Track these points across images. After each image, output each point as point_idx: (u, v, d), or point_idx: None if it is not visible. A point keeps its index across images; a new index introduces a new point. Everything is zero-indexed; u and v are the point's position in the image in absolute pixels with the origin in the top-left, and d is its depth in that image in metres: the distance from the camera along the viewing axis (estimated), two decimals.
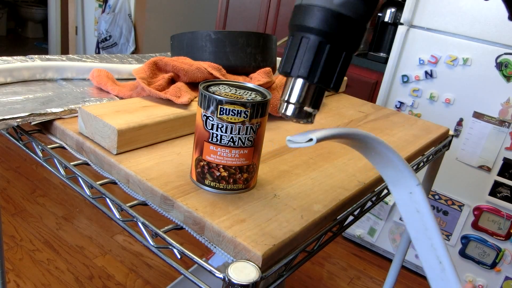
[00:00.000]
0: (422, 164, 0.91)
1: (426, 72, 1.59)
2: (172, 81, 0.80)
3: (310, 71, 0.40)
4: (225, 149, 0.51)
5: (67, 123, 0.66)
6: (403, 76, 1.64)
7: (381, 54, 1.85)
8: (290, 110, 0.42)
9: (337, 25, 0.39)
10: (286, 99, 0.42)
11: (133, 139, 0.60)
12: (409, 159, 0.81)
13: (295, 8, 0.41)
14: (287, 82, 0.42)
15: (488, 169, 1.55)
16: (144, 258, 1.71)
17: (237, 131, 0.50)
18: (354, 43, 0.41)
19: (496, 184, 1.55)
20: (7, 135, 0.69)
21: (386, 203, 1.81)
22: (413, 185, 0.46)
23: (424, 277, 1.86)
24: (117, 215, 0.55)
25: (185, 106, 0.71)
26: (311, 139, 0.38)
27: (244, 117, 0.50)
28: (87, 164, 0.62)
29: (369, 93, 1.85)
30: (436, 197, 1.70)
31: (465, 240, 1.68)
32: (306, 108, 0.42)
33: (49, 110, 0.65)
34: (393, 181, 0.47)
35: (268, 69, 0.83)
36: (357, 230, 1.96)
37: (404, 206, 0.46)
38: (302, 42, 0.39)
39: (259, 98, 0.51)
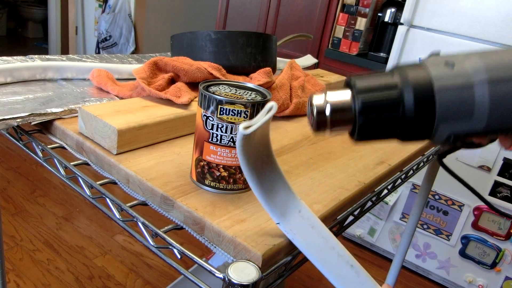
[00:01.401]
0: (422, 164, 0.91)
1: None
2: (172, 81, 0.80)
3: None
4: (225, 149, 0.51)
5: (67, 123, 0.66)
6: None
7: (381, 54, 1.85)
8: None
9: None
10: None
11: (133, 139, 0.60)
12: (409, 159, 0.81)
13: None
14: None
15: (488, 169, 1.55)
16: (144, 258, 1.71)
17: (237, 131, 0.50)
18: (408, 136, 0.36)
19: (496, 184, 1.56)
20: (7, 135, 0.69)
21: (386, 203, 1.81)
22: (297, 202, 0.44)
23: (424, 277, 1.86)
24: (117, 215, 0.55)
25: (185, 106, 0.71)
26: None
27: (244, 117, 0.50)
28: (87, 164, 0.62)
29: None
30: (436, 197, 1.70)
31: (465, 240, 1.68)
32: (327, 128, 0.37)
33: (49, 110, 0.65)
34: (283, 210, 0.44)
35: (268, 69, 0.83)
36: (357, 230, 1.95)
37: (301, 230, 0.43)
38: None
39: (259, 98, 0.51)
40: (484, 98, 0.33)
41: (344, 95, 0.35)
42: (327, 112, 0.35)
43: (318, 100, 0.36)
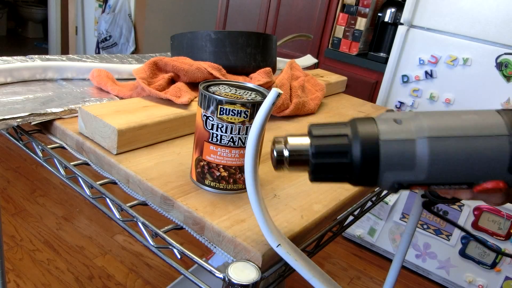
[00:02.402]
0: None
1: (426, 72, 1.59)
2: (172, 81, 0.80)
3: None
4: (225, 149, 0.51)
5: (67, 123, 0.66)
6: (403, 76, 1.64)
7: (381, 54, 1.85)
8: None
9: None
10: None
11: (133, 139, 0.60)
12: None
13: None
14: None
15: None
16: (144, 258, 1.71)
17: (237, 131, 0.50)
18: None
19: None
20: (7, 135, 0.69)
21: (386, 203, 1.81)
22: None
23: (424, 277, 1.86)
24: (117, 215, 0.55)
25: (185, 106, 0.71)
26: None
27: (244, 117, 0.50)
28: (87, 164, 0.62)
29: (369, 93, 1.85)
30: None
31: (465, 240, 1.68)
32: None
33: (49, 110, 0.65)
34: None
35: (268, 69, 0.83)
36: (357, 230, 1.96)
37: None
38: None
39: (259, 98, 0.51)
40: (424, 152, 0.36)
41: (303, 140, 0.40)
42: (285, 153, 0.40)
43: (278, 142, 0.41)
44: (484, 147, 0.36)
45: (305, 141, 0.40)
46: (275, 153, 0.40)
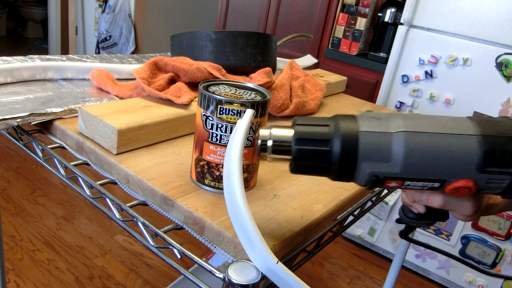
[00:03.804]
0: None
1: (426, 72, 1.59)
2: (172, 81, 0.80)
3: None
4: (225, 148, 0.51)
5: (67, 123, 0.66)
6: (403, 76, 1.64)
7: (381, 54, 1.85)
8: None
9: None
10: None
11: (133, 139, 0.60)
12: None
13: None
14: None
15: None
16: (144, 258, 1.71)
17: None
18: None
19: None
20: (7, 135, 0.69)
21: (386, 203, 1.81)
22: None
23: (424, 277, 1.86)
24: (117, 215, 0.55)
25: (185, 106, 0.71)
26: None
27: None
28: (87, 164, 0.62)
29: (369, 93, 1.85)
30: None
31: (465, 240, 1.68)
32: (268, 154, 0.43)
33: (49, 110, 0.65)
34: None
35: (268, 69, 0.83)
36: (357, 230, 1.96)
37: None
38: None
39: (259, 98, 0.51)
40: (400, 145, 0.39)
41: (287, 132, 0.42)
42: (269, 142, 0.42)
43: (263, 132, 0.43)
44: (455, 145, 0.39)
45: (289, 132, 0.42)
46: (259, 141, 0.43)
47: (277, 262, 0.40)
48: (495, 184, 0.39)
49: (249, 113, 0.48)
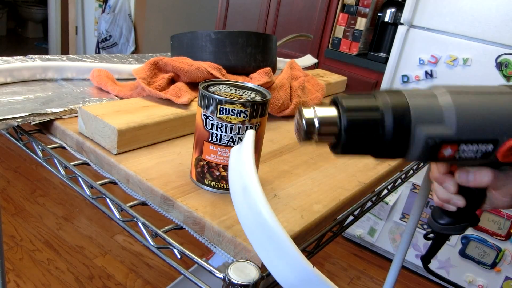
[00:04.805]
0: (422, 164, 0.91)
1: (426, 72, 1.59)
2: (172, 81, 0.80)
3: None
4: (225, 148, 0.51)
5: (67, 123, 0.66)
6: (403, 76, 1.64)
7: (381, 54, 1.85)
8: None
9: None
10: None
11: (133, 139, 0.60)
12: None
13: None
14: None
15: None
16: (144, 258, 1.71)
17: (237, 131, 0.50)
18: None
19: None
20: (7, 135, 0.69)
21: (386, 203, 1.81)
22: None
23: (424, 277, 1.86)
24: (117, 215, 0.55)
25: (185, 106, 0.71)
26: None
27: (244, 117, 0.50)
28: (87, 164, 0.62)
29: None
30: None
31: (465, 240, 1.68)
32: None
33: (49, 110, 0.65)
34: None
35: (268, 69, 0.83)
36: (357, 230, 1.96)
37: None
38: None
39: (259, 98, 0.51)
40: (449, 104, 0.38)
41: (331, 112, 0.40)
42: (316, 124, 0.39)
43: (308, 113, 0.40)
44: (504, 102, 0.39)
45: (332, 110, 0.40)
46: (304, 123, 0.39)
47: (313, 267, 0.38)
48: None
49: (250, 133, 0.47)
